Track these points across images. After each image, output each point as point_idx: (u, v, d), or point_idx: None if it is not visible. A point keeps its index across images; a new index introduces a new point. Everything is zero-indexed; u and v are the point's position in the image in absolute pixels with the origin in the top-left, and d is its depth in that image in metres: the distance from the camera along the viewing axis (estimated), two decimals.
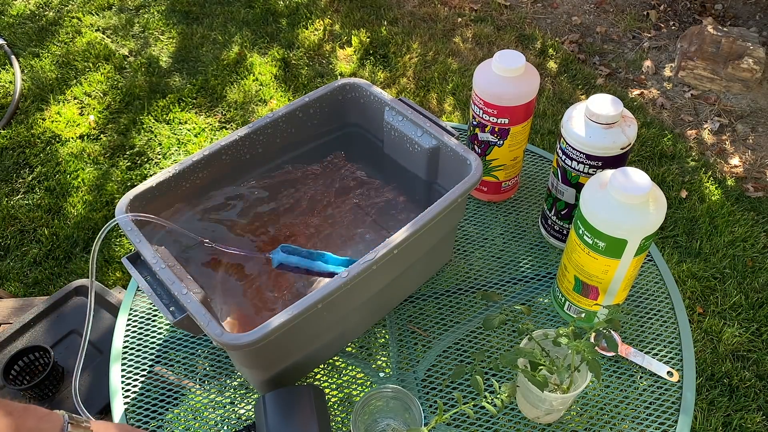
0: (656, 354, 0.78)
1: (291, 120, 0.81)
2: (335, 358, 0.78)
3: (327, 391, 0.75)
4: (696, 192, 1.87)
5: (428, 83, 2.20)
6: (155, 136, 1.98)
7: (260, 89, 2.15)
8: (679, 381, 0.75)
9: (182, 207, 0.76)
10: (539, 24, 2.51)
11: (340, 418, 0.73)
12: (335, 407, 0.74)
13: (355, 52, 2.32)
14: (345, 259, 0.75)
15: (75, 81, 2.15)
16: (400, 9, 2.53)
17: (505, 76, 0.78)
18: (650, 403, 0.73)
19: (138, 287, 0.85)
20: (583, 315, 0.77)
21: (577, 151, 0.74)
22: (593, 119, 0.72)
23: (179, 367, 0.77)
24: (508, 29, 2.46)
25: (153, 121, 2.02)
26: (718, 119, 2.13)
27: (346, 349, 0.79)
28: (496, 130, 0.83)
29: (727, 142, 2.05)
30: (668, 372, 0.75)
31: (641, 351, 0.78)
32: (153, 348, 0.79)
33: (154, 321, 0.82)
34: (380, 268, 0.64)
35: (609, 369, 0.76)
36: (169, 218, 0.74)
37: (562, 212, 0.83)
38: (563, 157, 0.76)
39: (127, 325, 0.81)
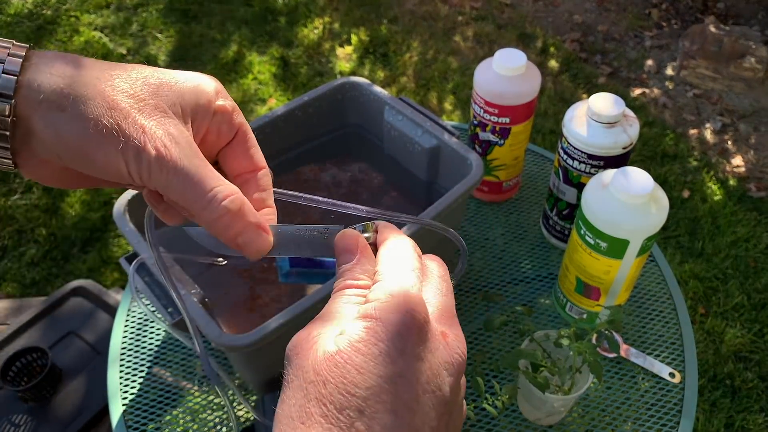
0: (658, 355, 0.77)
1: (290, 119, 0.80)
2: None
3: None
4: (698, 192, 1.86)
5: (428, 82, 2.19)
6: None
7: (259, 88, 2.14)
8: (681, 382, 0.74)
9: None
10: (540, 22, 2.50)
11: None
12: None
13: (354, 50, 2.32)
14: None
15: None
16: (400, 7, 2.53)
17: (506, 75, 0.78)
18: (652, 405, 0.73)
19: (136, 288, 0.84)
20: (584, 316, 0.77)
21: (579, 150, 0.73)
22: (595, 118, 0.71)
23: (177, 368, 0.77)
24: (509, 28, 2.45)
25: None
26: (721, 119, 2.12)
27: None
28: (497, 129, 0.82)
29: (729, 142, 2.05)
30: (670, 373, 0.75)
31: (643, 352, 0.77)
32: (151, 349, 0.78)
33: (152, 322, 0.81)
34: None
35: (610, 370, 0.76)
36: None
37: (564, 212, 0.83)
38: (565, 156, 0.76)
39: (125, 326, 0.81)
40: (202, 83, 0.31)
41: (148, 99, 0.28)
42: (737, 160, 1.98)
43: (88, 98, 0.27)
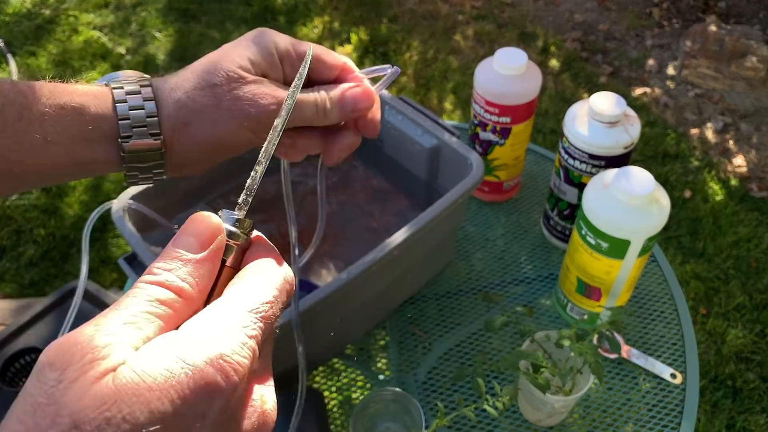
0: (659, 356, 0.77)
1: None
2: (335, 360, 0.77)
3: (326, 393, 0.74)
4: (700, 192, 1.85)
5: (429, 81, 2.19)
6: None
7: None
8: (682, 383, 0.74)
9: (182, 208, 0.75)
10: (541, 22, 2.50)
11: (339, 422, 0.72)
12: (334, 410, 0.73)
13: (354, 49, 2.31)
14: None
15: (72, 80, 2.14)
16: (400, 6, 2.52)
17: (507, 75, 0.77)
18: (653, 406, 0.72)
19: None
20: (585, 316, 0.76)
21: (580, 150, 0.73)
22: (596, 118, 0.71)
23: None
24: (509, 27, 2.45)
25: None
26: (722, 118, 2.11)
27: (346, 351, 0.78)
28: (498, 129, 0.82)
29: (730, 142, 2.04)
30: (671, 374, 0.74)
31: (644, 353, 0.77)
32: None
33: None
34: (380, 269, 0.63)
35: (612, 371, 0.75)
36: (171, 218, 0.73)
37: (565, 212, 0.82)
38: (566, 156, 0.75)
39: None
40: (266, 42, 0.36)
41: (234, 78, 0.34)
42: (739, 160, 1.98)
43: (198, 109, 0.34)
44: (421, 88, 2.17)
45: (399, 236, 0.64)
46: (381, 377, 0.76)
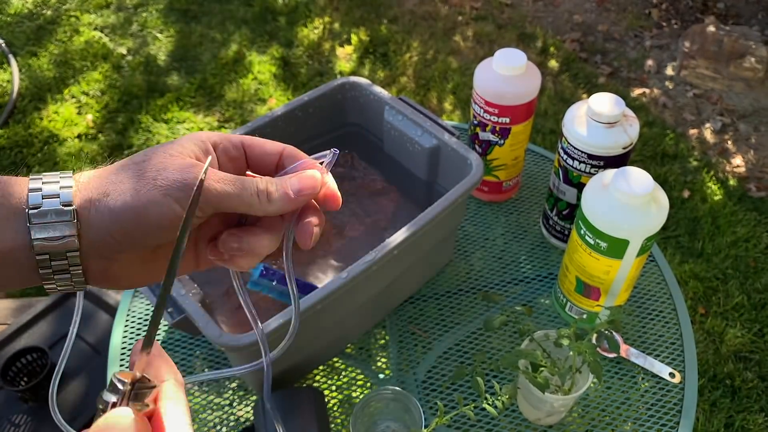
0: (658, 355, 0.77)
1: (290, 119, 0.80)
2: (335, 359, 0.78)
3: (326, 392, 0.75)
4: (698, 192, 1.86)
5: (428, 82, 2.19)
6: (153, 135, 1.97)
7: (259, 88, 2.14)
8: (681, 382, 0.74)
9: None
10: (540, 22, 2.50)
11: (339, 420, 0.72)
12: (335, 409, 0.73)
13: (354, 50, 2.32)
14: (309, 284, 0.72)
15: (73, 80, 2.14)
16: (400, 7, 2.53)
17: (507, 75, 0.78)
18: (652, 405, 0.73)
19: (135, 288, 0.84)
20: (584, 316, 0.77)
21: (579, 150, 0.73)
22: (595, 118, 0.71)
23: (177, 368, 0.77)
24: (509, 28, 2.45)
25: (151, 120, 2.02)
26: (721, 118, 2.12)
27: (346, 350, 0.79)
28: (497, 129, 0.82)
29: (729, 142, 2.05)
30: (670, 373, 0.75)
31: (643, 352, 0.77)
32: None
33: None
34: (380, 269, 0.64)
35: (610, 370, 0.76)
36: None
37: (564, 212, 0.83)
38: (565, 156, 0.76)
39: (125, 326, 0.81)
40: (196, 135, 0.35)
41: (161, 156, 0.32)
42: (737, 160, 1.98)
43: (119, 180, 0.31)
44: (421, 88, 2.17)
45: (399, 236, 0.64)
46: (381, 376, 0.76)
